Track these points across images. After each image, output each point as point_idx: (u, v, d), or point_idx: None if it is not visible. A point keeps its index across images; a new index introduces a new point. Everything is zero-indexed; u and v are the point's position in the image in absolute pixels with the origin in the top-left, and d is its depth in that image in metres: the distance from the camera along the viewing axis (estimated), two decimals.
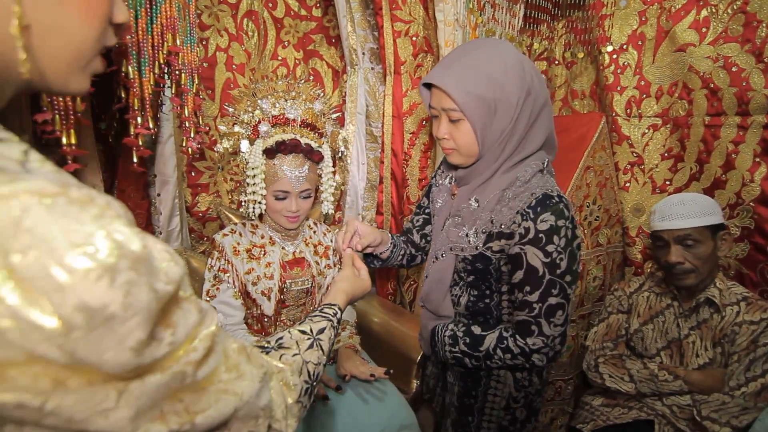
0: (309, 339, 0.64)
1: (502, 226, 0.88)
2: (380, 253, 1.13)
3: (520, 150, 0.90)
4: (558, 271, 0.84)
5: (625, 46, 1.66)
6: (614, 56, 1.68)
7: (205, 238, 1.67)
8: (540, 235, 0.83)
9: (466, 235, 0.94)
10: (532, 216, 0.84)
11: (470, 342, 0.94)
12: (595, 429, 1.35)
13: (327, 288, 1.46)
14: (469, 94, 0.84)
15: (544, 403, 1.66)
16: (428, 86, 0.94)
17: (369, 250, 1.10)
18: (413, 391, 1.49)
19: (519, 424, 1.01)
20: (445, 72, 0.87)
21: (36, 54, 0.36)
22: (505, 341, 0.91)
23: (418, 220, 1.20)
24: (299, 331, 0.65)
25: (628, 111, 1.68)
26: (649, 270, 1.68)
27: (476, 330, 0.95)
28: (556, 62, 1.92)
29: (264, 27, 1.69)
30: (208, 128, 1.15)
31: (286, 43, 1.75)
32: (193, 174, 1.64)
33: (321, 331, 0.67)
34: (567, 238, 0.84)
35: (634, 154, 1.69)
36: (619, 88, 1.68)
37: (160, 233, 1.43)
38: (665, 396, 1.32)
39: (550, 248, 0.83)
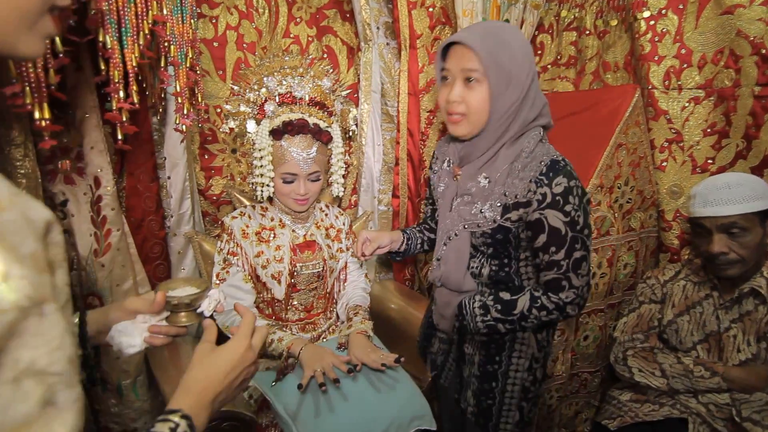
0: None
1: (517, 197, 0.94)
2: (397, 248, 1.23)
3: (522, 126, 0.96)
4: (578, 227, 0.92)
5: (663, 11, 1.51)
6: (651, 23, 1.53)
7: (219, 222, 1.66)
8: (557, 197, 0.90)
9: (481, 211, 0.99)
10: (546, 182, 0.90)
11: (502, 308, 0.99)
12: (622, 425, 1.27)
13: (339, 272, 1.43)
14: (492, 55, 0.91)
15: (569, 396, 1.58)
16: (444, 52, 0.99)
17: (382, 251, 1.20)
18: (429, 380, 1.44)
19: (537, 383, 1.09)
20: (470, 33, 0.95)
21: None
22: (538, 300, 0.97)
23: (428, 212, 1.29)
24: None
25: (666, 83, 1.54)
26: (686, 257, 1.55)
27: (505, 296, 1.00)
28: (587, 32, 1.78)
29: (275, 3, 1.63)
30: (207, 105, 1.12)
31: (298, 19, 1.68)
32: (206, 157, 1.62)
33: None
34: (579, 195, 0.92)
35: (673, 131, 1.55)
36: (656, 58, 1.53)
37: (171, 216, 1.42)
38: (701, 393, 1.22)
39: (567, 208, 0.90)
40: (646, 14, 1.53)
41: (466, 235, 1.02)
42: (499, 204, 0.96)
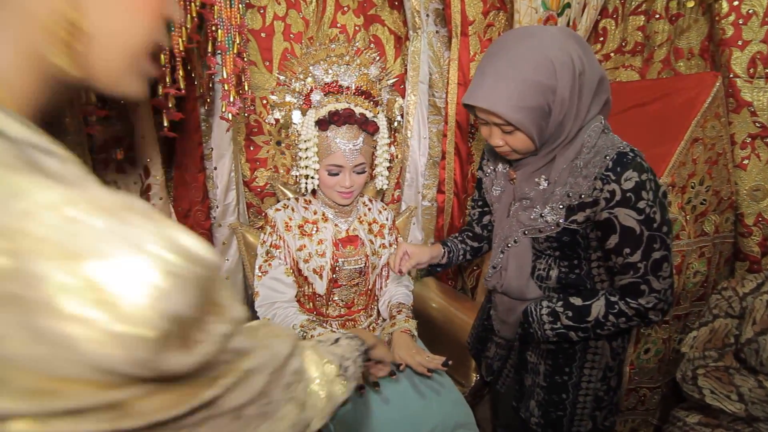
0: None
1: (582, 197, 0.86)
2: (439, 261, 1.18)
3: (579, 122, 0.87)
4: (654, 225, 0.82)
5: None
6: (735, 3, 1.36)
7: (263, 214, 1.66)
8: (628, 194, 0.81)
9: (541, 215, 0.92)
10: (613, 178, 0.81)
11: (574, 315, 0.91)
12: None
13: (381, 269, 1.38)
14: (521, 109, 0.82)
15: (625, 412, 1.46)
16: None
17: (421, 266, 1.15)
18: (472, 385, 1.37)
19: (612, 392, 1.01)
20: (490, 91, 0.83)
21: (88, 57, 0.36)
22: (615, 306, 0.88)
23: (475, 214, 1.22)
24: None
25: (751, 71, 1.37)
26: None
27: (577, 301, 0.92)
28: (657, 16, 1.62)
29: None
30: (252, 93, 1.09)
31: (345, 8, 1.64)
32: (251, 148, 1.62)
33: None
34: (654, 190, 0.82)
35: (757, 125, 1.38)
36: (740, 43, 1.37)
37: (217, 207, 1.43)
38: None
39: (641, 204, 0.81)
40: None
41: (526, 241, 0.96)
42: (561, 206, 0.88)
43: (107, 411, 0.29)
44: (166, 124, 0.78)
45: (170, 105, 0.75)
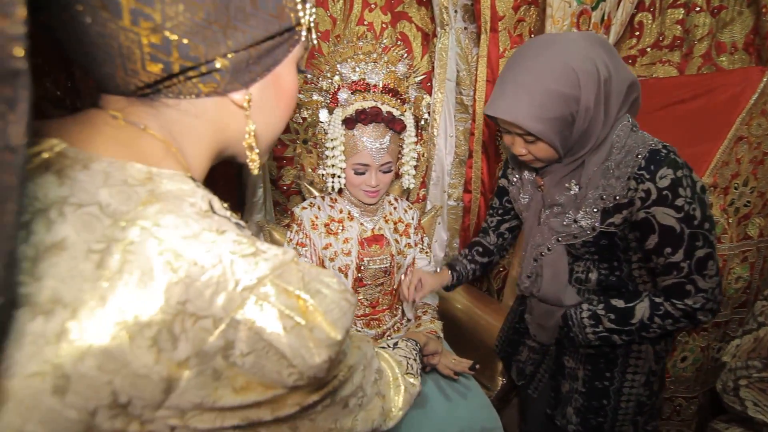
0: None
1: (617, 198, 0.83)
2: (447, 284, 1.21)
3: (607, 128, 0.84)
4: (695, 222, 0.79)
5: None
6: None
7: (289, 212, 1.67)
8: (664, 192, 0.78)
9: (575, 221, 0.90)
10: (647, 177, 0.79)
11: (617, 318, 0.89)
12: None
13: (407, 269, 1.37)
14: (544, 120, 0.81)
15: (660, 421, 1.41)
16: None
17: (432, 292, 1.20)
18: (498, 389, 1.35)
19: (655, 396, 0.99)
20: (512, 102, 0.82)
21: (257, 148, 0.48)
22: (661, 307, 0.86)
23: (492, 221, 1.23)
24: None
25: None
26: None
27: (619, 304, 0.89)
28: (698, 9, 1.54)
29: None
30: None
31: (373, 5, 1.63)
32: (278, 146, 1.63)
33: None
34: (691, 186, 0.79)
35: None
36: None
37: (244, 204, 1.44)
38: None
39: (679, 202, 0.78)
40: None
41: (560, 249, 0.93)
42: (596, 209, 0.86)
43: (271, 404, 0.39)
44: None
45: None
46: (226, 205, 0.43)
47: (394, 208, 1.39)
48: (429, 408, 1.06)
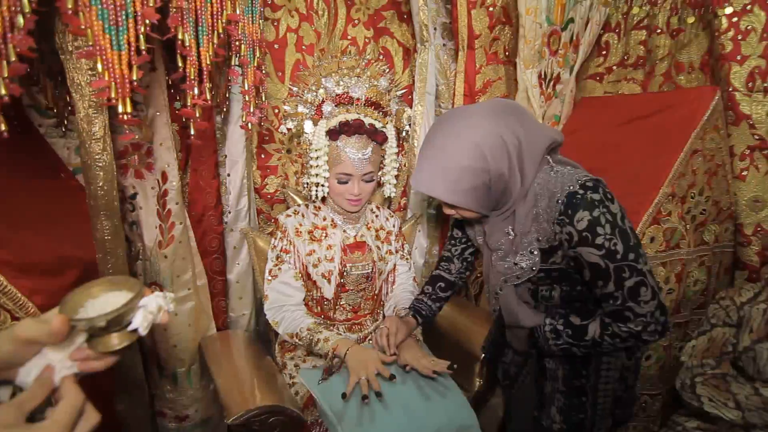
0: None
1: (549, 240, 0.90)
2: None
3: (528, 182, 0.91)
4: (618, 256, 0.84)
5: (749, 7, 1.39)
6: (734, 19, 1.41)
7: (273, 220, 1.70)
8: (584, 234, 0.84)
9: (515, 263, 0.96)
10: (567, 221, 0.85)
11: (573, 333, 0.94)
12: None
13: (388, 275, 1.42)
14: (459, 192, 0.89)
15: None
16: None
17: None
18: (475, 390, 1.40)
19: (630, 389, 1.04)
20: (429, 177, 0.92)
21: None
22: (609, 328, 0.90)
23: (456, 250, 1.30)
24: None
25: (750, 85, 1.41)
26: (767, 276, 1.41)
27: (575, 320, 0.94)
28: (658, 31, 1.67)
29: (334, 5, 1.65)
30: (268, 104, 1.14)
31: (356, 21, 1.69)
32: (262, 156, 1.66)
33: None
34: (611, 221, 0.83)
35: (756, 137, 1.42)
36: (739, 58, 1.41)
37: (229, 212, 1.47)
38: None
39: (599, 240, 0.83)
40: (729, 10, 1.41)
41: (509, 289, 1.00)
42: (534, 252, 0.93)
43: None
44: (192, 132, 0.83)
45: (197, 114, 0.80)
46: None
47: (376, 216, 1.44)
48: (408, 407, 1.11)
